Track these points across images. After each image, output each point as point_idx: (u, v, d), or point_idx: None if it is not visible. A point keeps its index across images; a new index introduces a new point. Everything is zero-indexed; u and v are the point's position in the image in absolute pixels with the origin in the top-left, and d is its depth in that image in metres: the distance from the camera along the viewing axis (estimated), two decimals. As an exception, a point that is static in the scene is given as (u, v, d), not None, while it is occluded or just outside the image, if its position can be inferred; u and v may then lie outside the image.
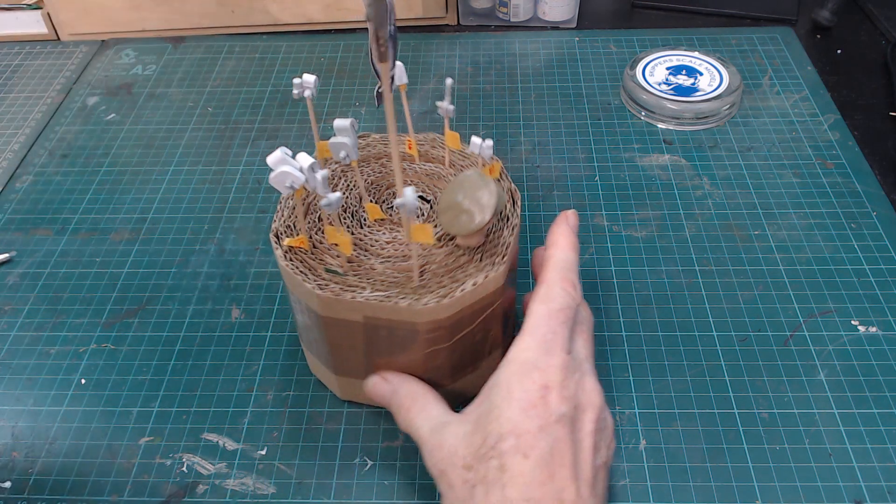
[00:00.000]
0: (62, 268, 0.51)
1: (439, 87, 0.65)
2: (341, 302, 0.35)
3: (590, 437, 0.33)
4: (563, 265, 0.36)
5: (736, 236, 0.51)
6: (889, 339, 0.45)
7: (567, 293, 0.35)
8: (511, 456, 0.31)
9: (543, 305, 0.35)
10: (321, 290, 0.35)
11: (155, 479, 0.40)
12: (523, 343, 0.34)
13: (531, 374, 0.33)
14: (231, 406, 0.43)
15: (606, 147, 0.59)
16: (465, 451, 0.33)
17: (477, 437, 0.33)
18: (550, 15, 0.72)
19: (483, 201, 0.35)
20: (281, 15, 0.72)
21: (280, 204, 0.40)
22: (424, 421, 0.36)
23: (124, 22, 0.73)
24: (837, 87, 0.64)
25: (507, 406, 0.32)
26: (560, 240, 0.37)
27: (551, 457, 0.31)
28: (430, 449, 0.35)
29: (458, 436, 0.34)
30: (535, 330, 0.34)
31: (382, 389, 0.39)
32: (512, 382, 0.33)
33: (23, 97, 0.67)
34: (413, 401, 0.37)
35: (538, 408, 0.32)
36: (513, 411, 0.32)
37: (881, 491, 0.38)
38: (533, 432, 0.32)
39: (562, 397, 0.33)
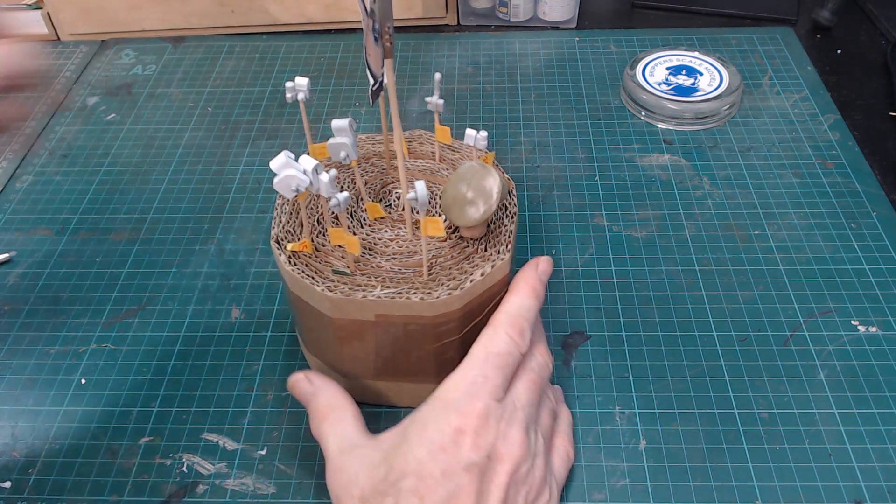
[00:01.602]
0: (62, 268, 0.51)
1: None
2: (352, 302, 0.35)
3: (499, 490, 0.32)
4: (514, 311, 0.36)
5: (736, 236, 0.51)
6: (889, 339, 0.45)
7: (510, 338, 0.35)
8: (407, 496, 0.31)
9: (482, 348, 0.34)
10: (331, 293, 0.35)
11: (155, 479, 0.40)
12: (451, 382, 0.34)
13: (448, 415, 0.32)
14: (231, 406, 0.43)
15: (606, 147, 0.59)
16: (365, 481, 0.32)
17: (381, 470, 0.32)
18: (550, 15, 0.72)
19: (487, 190, 0.36)
20: (281, 15, 0.72)
21: (277, 209, 0.39)
22: (335, 436, 0.35)
23: (124, 22, 0.73)
24: (837, 87, 0.64)
25: (417, 444, 0.32)
26: (521, 285, 0.37)
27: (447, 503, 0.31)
28: (332, 469, 0.34)
29: (364, 463, 0.33)
30: (466, 372, 0.34)
31: (303, 389, 0.37)
32: (428, 421, 0.33)
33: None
34: (329, 411, 0.36)
35: (447, 452, 0.32)
36: (421, 451, 0.32)
37: (881, 491, 0.38)
38: (435, 476, 0.31)
39: (475, 444, 0.32)
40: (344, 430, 0.35)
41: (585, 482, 0.39)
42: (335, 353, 0.39)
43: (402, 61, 0.69)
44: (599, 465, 0.39)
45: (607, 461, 0.40)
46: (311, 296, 0.36)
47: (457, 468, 0.31)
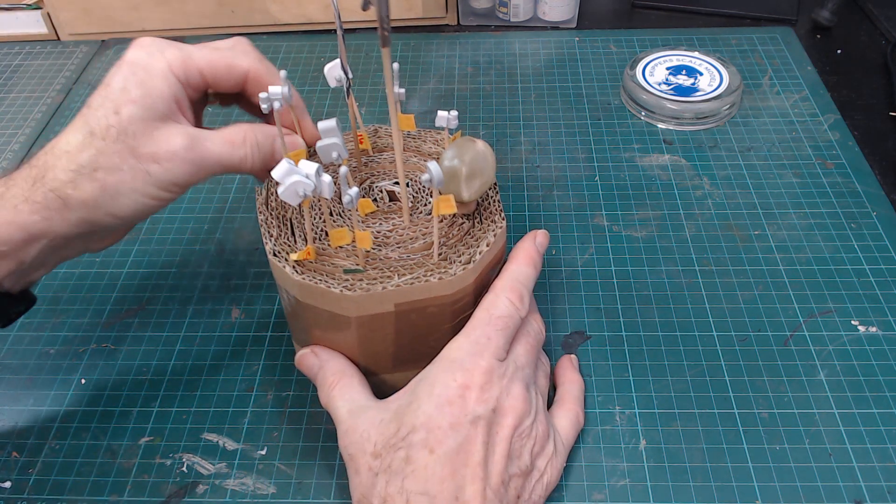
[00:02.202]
0: (62, 268, 0.51)
1: (439, 87, 0.65)
2: (373, 297, 0.35)
3: (505, 441, 0.34)
4: (514, 277, 0.37)
5: (736, 236, 0.51)
6: (889, 339, 0.45)
7: (510, 303, 0.36)
8: (418, 449, 0.32)
9: (485, 311, 0.36)
10: (350, 291, 0.35)
11: (155, 479, 0.40)
12: (456, 343, 0.35)
13: (455, 372, 0.34)
14: (231, 406, 0.43)
15: (606, 147, 0.59)
16: (378, 437, 0.34)
17: (392, 426, 0.34)
18: (550, 15, 0.72)
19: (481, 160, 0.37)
20: (281, 15, 0.72)
21: (263, 225, 0.39)
22: (344, 401, 0.36)
23: (124, 22, 0.73)
24: (837, 87, 0.64)
25: (425, 400, 0.33)
26: (519, 254, 0.39)
27: (456, 455, 0.32)
28: (344, 430, 0.35)
29: (375, 422, 0.34)
30: (470, 332, 0.36)
31: (310, 362, 0.39)
32: (436, 378, 0.34)
33: (23, 97, 0.67)
34: (337, 378, 0.38)
35: (454, 405, 0.33)
36: (429, 406, 0.33)
37: (881, 491, 0.38)
38: (444, 428, 0.32)
39: (480, 399, 0.33)
40: (352, 395, 0.37)
41: (585, 482, 0.39)
42: (352, 356, 0.39)
43: (402, 61, 0.69)
44: (599, 465, 0.39)
45: (607, 461, 0.40)
46: (326, 300, 0.36)
47: (463, 420, 0.33)
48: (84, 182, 0.35)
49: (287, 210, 0.40)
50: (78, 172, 0.35)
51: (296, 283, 0.36)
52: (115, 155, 0.35)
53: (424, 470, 0.32)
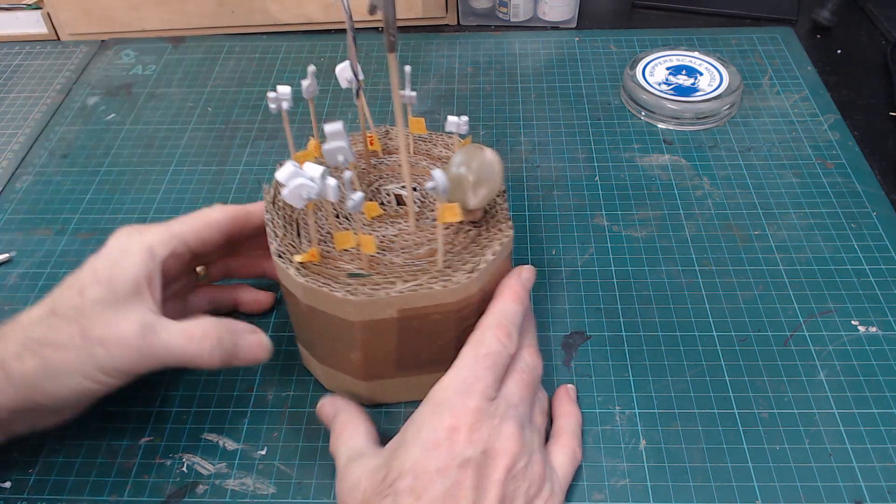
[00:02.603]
0: (62, 268, 0.51)
1: (439, 87, 0.65)
2: (376, 302, 0.35)
3: (497, 485, 0.32)
4: (500, 313, 0.37)
5: (736, 236, 0.51)
6: (889, 339, 0.45)
7: (498, 340, 0.36)
8: (404, 496, 0.31)
9: (472, 350, 0.35)
10: (353, 296, 0.35)
11: (155, 479, 0.40)
12: (443, 384, 0.35)
13: (442, 414, 0.33)
14: (231, 406, 0.43)
15: (606, 147, 0.59)
16: (367, 484, 0.33)
17: (380, 473, 0.33)
18: (550, 15, 0.72)
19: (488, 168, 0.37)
20: (281, 15, 0.72)
21: (269, 224, 0.39)
22: (346, 449, 0.36)
23: (124, 22, 0.73)
24: (837, 87, 0.64)
25: (413, 444, 0.33)
26: (505, 291, 0.38)
27: (443, 501, 0.31)
28: (339, 478, 0.35)
29: (367, 469, 0.34)
30: (458, 372, 0.35)
31: (326, 412, 0.40)
32: (423, 421, 0.33)
33: (23, 97, 0.67)
34: (343, 428, 0.38)
35: (442, 448, 0.32)
36: (416, 450, 0.32)
37: (881, 491, 0.38)
38: (431, 473, 0.32)
39: (469, 440, 0.32)
40: (354, 443, 0.36)
41: (585, 482, 0.39)
42: (355, 359, 0.39)
43: (402, 61, 0.69)
44: (599, 465, 0.39)
45: (607, 461, 0.40)
46: (329, 304, 0.36)
47: (451, 464, 0.32)
48: (28, 356, 0.34)
49: (294, 210, 0.40)
50: (25, 346, 0.35)
51: (299, 285, 0.36)
52: (64, 333, 0.35)
53: None
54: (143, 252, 0.37)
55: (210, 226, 0.40)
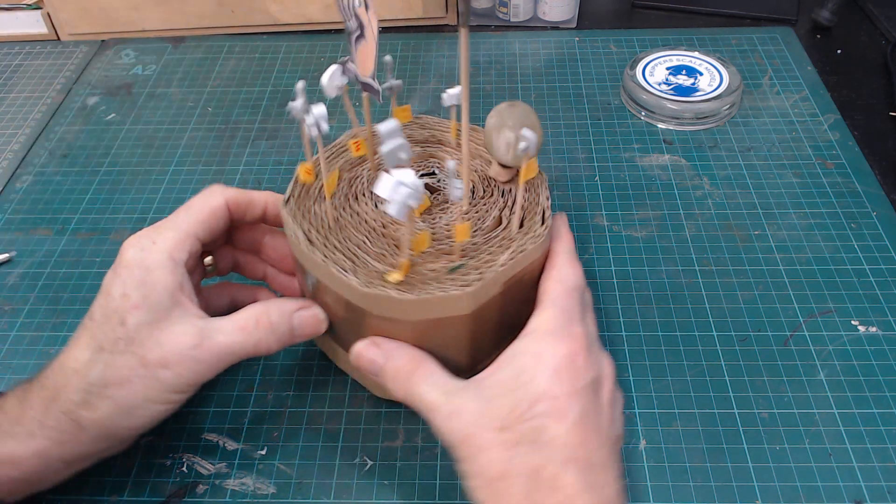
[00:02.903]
0: (62, 268, 0.51)
1: (439, 87, 0.65)
2: (487, 284, 0.35)
3: (608, 406, 0.35)
4: (569, 251, 0.38)
5: (736, 236, 0.51)
6: (889, 339, 0.45)
7: (576, 273, 0.37)
8: (548, 418, 0.32)
9: (559, 284, 0.37)
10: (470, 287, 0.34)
11: (155, 479, 0.40)
12: (545, 315, 0.35)
13: (560, 340, 0.34)
14: (231, 406, 0.43)
15: (606, 147, 0.59)
16: (495, 413, 0.33)
17: (506, 401, 0.33)
18: (550, 15, 0.72)
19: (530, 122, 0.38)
20: (281, 15, 0.72)
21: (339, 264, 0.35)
22: (432, 386, 0.35)
23: (124, 22, 0.73)
24: (837, 87, 0.64)
25: (538, 371, 0.33)
26: (563, 232, 0.39)
27: (582, 420, 0.32)
28: (446, 413, 0.34)
29: (482, 401, 0.33)
30: (554, 304, 0.36)
31: (372, 355, 0.36)
32: (541, 348, 0.34)
33: (23, 97, 0.67)
34: (417, 365, 0.36)
35: (568, 372, 0.33)
36: (544, 376, 0.33)
37: (881, 491, 0.38)
38: (566, 395, 0.33)
39: (588, 364, 0.34)
40: (438, 379, 0.35)
41: (585, 482, 0.39)
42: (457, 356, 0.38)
43: (402, 61, 0.69)
44: (599, 465, 0.39)
45: (607, 461, 0.40)
46: (447, 308, 0.35)
47: (579, 386, 0.33)
48: (96, 401, 0.34)
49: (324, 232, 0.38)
50: (88, 392, 0.34)
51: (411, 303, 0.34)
52: (124, 367, 0.34)
53: (561, 437, 0.32)
54: (166, 262, 0.36)
55: (215, 213, 0.39)
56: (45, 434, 0.34)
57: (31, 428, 0.34)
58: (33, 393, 0.35)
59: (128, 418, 0.35)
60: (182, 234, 0.37)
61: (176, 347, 0.35)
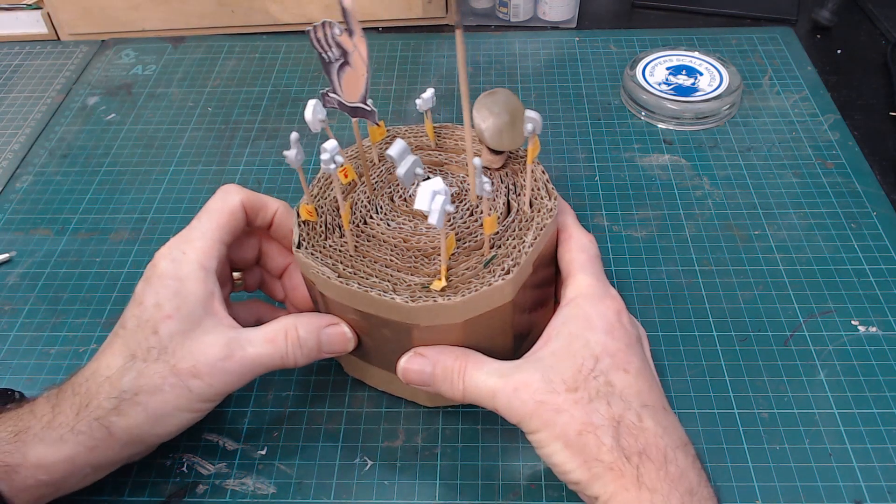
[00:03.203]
0: (62, 268, 0.51)
1: (439, 87, 0.65)
2: (523, 267, 0.36)
3: (650, 360, 0.37)
4: (576, 221, 0.40)
5: (736, 236, 0.51)
6: (889, 339, 0.45)
7: (592, 242, 0.39)
8: (614, 372, 0.34)
9: (583, 253, 0.38)
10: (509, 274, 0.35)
11: (155, 479, 0.40)
12: (581, 282, 0.37)
13: (603, 302, 0.36)
14: (231, 406, 0.43)
15: (606, 147, 0.59)
16: (561, 378, 0.33)
17: (568, 365, 0.34)
18: (550, 15, 0.72)
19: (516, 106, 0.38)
20: (281, 15, 0.72)
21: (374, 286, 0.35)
22: (489, 374, 0.35)
23: (124, 22, 0.73)
24: (837, 87, 0.64)
25: (591, 333, 0.34)
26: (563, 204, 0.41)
27: (644, 369, 0.34)
28: (510, 392, 0.34)
29: (543, 371, 0.34)
30: (585, 271, 0.37)
31: (419, 365, 0.36)
32: (587, 312, 0.35)
33: (23, 97, 0.67)
34: (465, 360, 0.36)
35: (620, 329, 0.35)
36: (598, 336, 0.34)
37: (881, 491, 0.38)
38: (623, 350, 0.34)
39: (631, 321, 0.36)
40: (490, 365, 0.35)
41: (585, 482, 0.39)
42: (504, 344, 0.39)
43: (402, 61, 0.69)
44: (599, 465, 0.39)
45: (607, 461, 0.39)
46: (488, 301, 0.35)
47: (631, 341, 0.35)
48: (128, 408, 0.34)
49: None
50: (121, 399, 0.34)
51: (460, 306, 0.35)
52: (155, 375, 0.35)
53: (631, 387, 0.33)
54: (197, 272, 0.36)
55: (235, 215, 0.39)
56: (76, 440, 0.34)
57: (62, 433, 0.34)
58: (65, 398, 0.35)
59: (157, 426, 0.35)
60: (210, 241, 0.38)
61: (207, 358, 0.35)
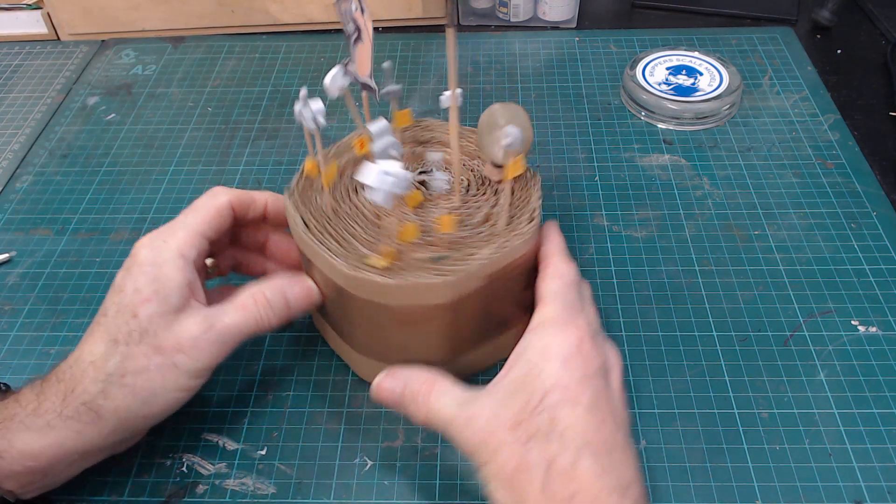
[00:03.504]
0: (62, 268, 0.51)
1: (439, 87, 0.65)
2: (469, 276, 0.36)
3: (618, 392, 0.35)
4: (560, 247, 0.39)
5: (736, 236, 0.51)
6: (889, 339, 0.45)
7: (571, 268, 0.38)
8: (560, 408, 0.32)
9: (557, 280, 0.37)
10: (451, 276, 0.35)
11: (155, 479, 0.40)
12: (547, 309, 0.36)
13: (564, 331, 0.35)
14: (231, 406, 0.43)
15: (606, 147, 0.59)
16: (508, 413, 0.33)
17: (518, 398, 0.33)
18: (550, 15, 0.72)
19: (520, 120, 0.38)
20: (281, 15, 0.72)
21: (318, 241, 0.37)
22: (449, 400, 0.35)
23: (124, 22, 0.73)
24: (837, 87, 0.64)
25: (546, 363, 0.34)
26: (552, 232, 0.40)
27: (596, 405, 0.33)
28: (462, 423, 0.34)
29: (494, 403, 0.34)
30: (555, 298, 0.36)
31: (391, 385, 0.37)
32: (547, 341, 0.34)
33: (23, 97, 0.67)
34: (432, 384, 0.36)
35: (577, 359, 0.34)
36: (553, 367, 0.33)
37: (881, 491, 0.38)
38: (577, 382, 0.33)
39: (594, 351, 0.34)
40: (453, 393, 0.35)
41: (585, 482, 0.39)
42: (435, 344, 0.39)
43: (402, 61, 0.69)
44: (599, 465, 0.39)
45: (607, 461, 0.40)
46: (420, 295, 0.36)
47: (589, 372, 0.34)
48: (114, 390, 0.35)
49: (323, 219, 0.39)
50: (107, 382, 0.35)
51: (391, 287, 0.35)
52: (140, 356, 0.35)
53: (577, 424, 0.32)
54: (176, 260, 0.37)
55: (221, 212, 0.40)
56: (64, 425, 0.34)
57: (49, 419, 0.34)
58: (50, 386, 0.35)
59: (145, 407, 0.36)
60: (191, 232, 0.38)
61: (188, 333, 0.36)
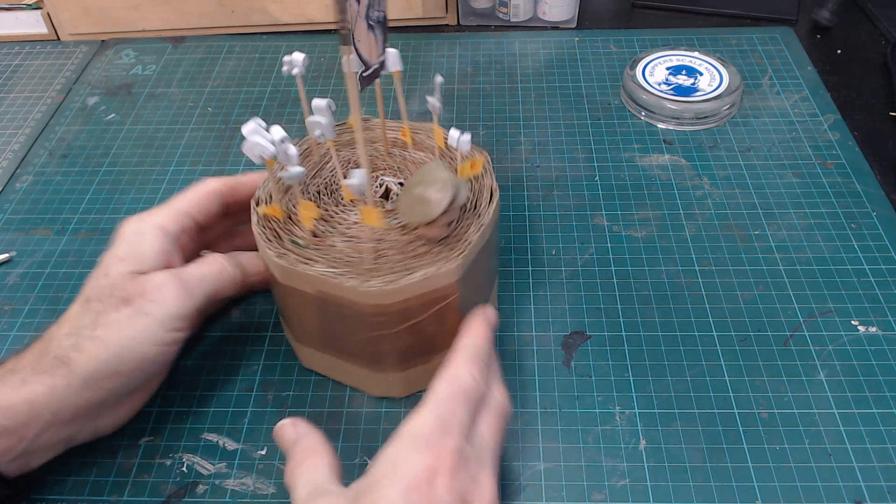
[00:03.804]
0: (62, 268, 0.51)
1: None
2: (296, 273, 0.37)
3: None
4: (472, 350, 0.35)
5: (736, 236, 0.51)
6: (889, 339, 0.45)
7: (472, 376, 0.34)
8: None
9: (447, 385, 0.33)
10: (279, 259, 0.37)
11: (155, 479, 0.40)
12: (419, 419, 0.32)
13: (420, 452, 0.31)
14: (231, 406, 0.43)
15: (606, 147, 0.59)
16: None
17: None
18: (550, 15, 0.72)
19: (436, 195, 0.36)
20: (281, 15, 0.72)
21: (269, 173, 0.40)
22: (305, 482, 0.33)
23: (124, 22, 0.73)
24: (837, 87, 0.64)
25: (388, 483, 0.30)
26: (473, 327, 0.37)
27: None
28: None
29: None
30: (433, 408, 0.32)
31: (286, 434, 0.36)
32: (399, 458, 0.31)
33: (23, 97, 0.67)
34: (304, 457, 0.34)
35: (421, 492, 0.30)
36: (393, 490, 0.30)
37: (881, 491, 0.38)
38: None
39: (450, 486, 0.30)
40: (316, 478, 0.33)
41: (585, 482, 0.39)
42: (289, 319, 0.42)
43: (401, 61, 0.68)
44: (599, 465, 0.39)
45: (607, 461, 0.40)
46: (266, 258, 0.38)
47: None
48: (86, 343, 0.35)
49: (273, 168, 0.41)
50: (79, 335, 0.35)
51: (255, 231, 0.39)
52: (111, 310, 0.36)
53: None
54: (156, 230, 0.39)
55: (209, 195, 0.41)
56: (36, 379, 0.34)
57: (23, 375, 0.35)
58: (29, 348, 0.36)
59: (116, 360, 0.36)
60: (175, 210, 0.40)
61: (155, 282, 0.37)
